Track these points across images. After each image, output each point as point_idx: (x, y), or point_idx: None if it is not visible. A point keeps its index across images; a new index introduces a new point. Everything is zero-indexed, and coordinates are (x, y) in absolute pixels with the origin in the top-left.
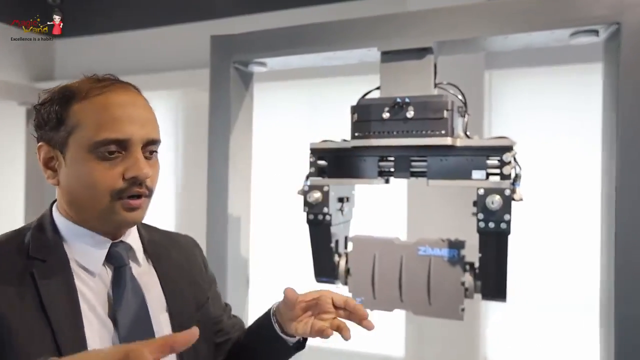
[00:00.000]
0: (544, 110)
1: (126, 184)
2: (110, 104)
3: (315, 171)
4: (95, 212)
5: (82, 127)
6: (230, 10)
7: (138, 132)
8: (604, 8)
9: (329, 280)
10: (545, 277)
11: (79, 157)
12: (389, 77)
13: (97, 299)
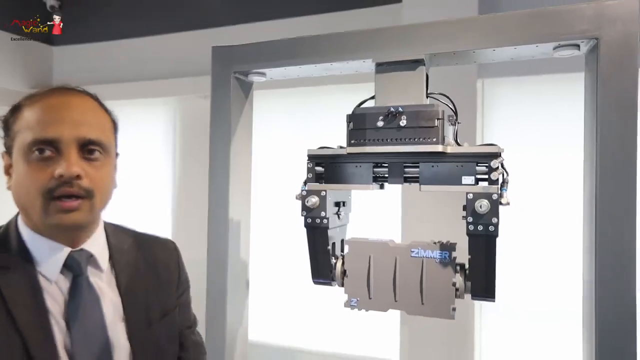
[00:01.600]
0: (536, 117)
1: (55, 183)
2: (42, 107)
3: (313, 177)
4: (36, 215)
5: (21, 132)
6: (227, 20)
7: (69, 133)
8: (584, 24)
9: (325, 282)
10: (539, 281)
11: (17, 161)
12: (384, 87)
13: (54, 306)
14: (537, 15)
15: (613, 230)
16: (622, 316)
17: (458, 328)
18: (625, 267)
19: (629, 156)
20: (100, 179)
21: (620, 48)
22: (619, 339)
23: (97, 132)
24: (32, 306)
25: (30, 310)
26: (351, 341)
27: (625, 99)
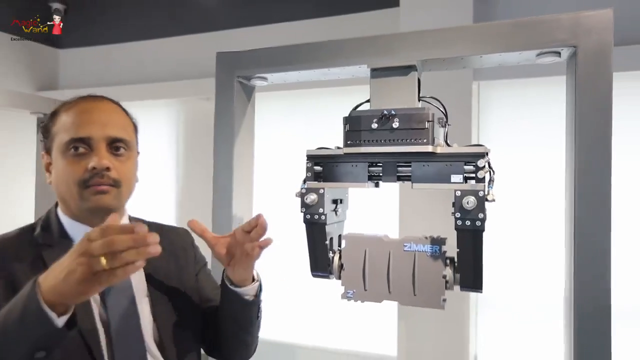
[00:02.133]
0: (530, 119)
1: (89, 174)
2: (76, 111)
3: (312, 175)
4: (73, 202)
5: (58, 133)
6: (229, 23)
7: (98, 132)
8: (563, 33)
9: (323, 275)
10: (533, 277)
11: (56, 158)
12: (378, 91)
13: None
14: (521, 24)
15: (590, 224)
16: (598, 303)
17: (454, 323)
18: (600, 261)
19: (604, 155)
20: (125, 171)
21: (597, 55)
22: (595, 329)
23: (122, 131)
24: None
25: None
26: (350, 337)
27: (601, 102)
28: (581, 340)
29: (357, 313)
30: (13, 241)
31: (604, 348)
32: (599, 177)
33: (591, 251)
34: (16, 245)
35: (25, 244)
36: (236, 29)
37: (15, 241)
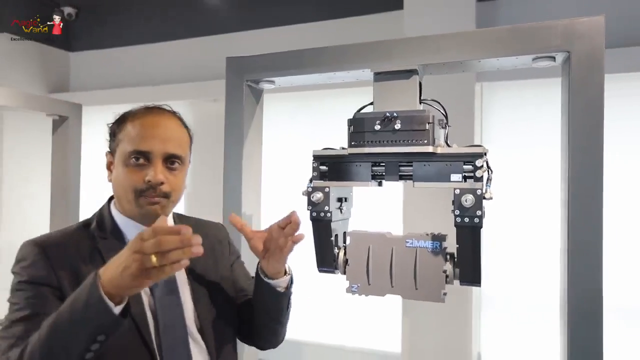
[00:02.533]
0: (533, 119)
1: (145, 186)
2: (141, 124)
3: (318, 175)
4: (127, 205)
5: (124, 141)
6: (235, 26)
7: (158, 147)
8: (557, 39)
9: (329, 270)
10: (538, 278)
11: (119, 163)
12: (381, 94)
13: None
14: (517, 30)
15: (582, 221)
16: (590, 301)
17: (456, 320)
18: (592, 260)
19: (596, 155)
20: (176, 184)
21: (589, 60)
22: (587, 325)
23: (178, 148)
24: None
25: None
26: (355, 334)
27: (593, 104)
28: (574, 337)
29: (362, 311)
30: (73, 235)
31: (596, 344)
32: (591, 177)
33: (584, 249)
34: (76, 238)
35: (83, 237)
36: (243, 31)
37: (75, 235)
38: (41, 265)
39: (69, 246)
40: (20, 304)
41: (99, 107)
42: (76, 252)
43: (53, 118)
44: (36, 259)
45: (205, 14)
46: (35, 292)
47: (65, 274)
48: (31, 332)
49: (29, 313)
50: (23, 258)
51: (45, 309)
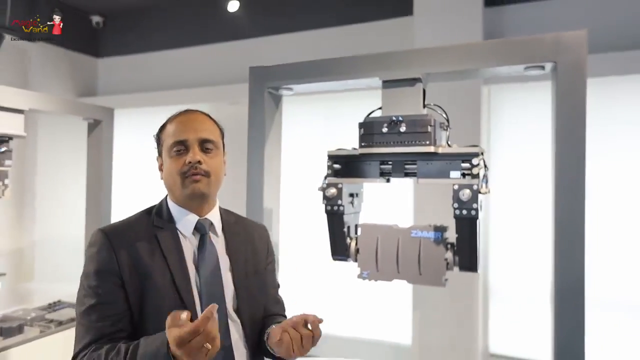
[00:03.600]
0: (539, 120)
1: (187, 167)
2: (177, 122)
3: (332, 172)
4: (177, 190)
5: (166, 139)
6: (252, 32)
7: (193, 135)
8: (545, 50)
9: (342, 258)
10: (544, 271)
11: (165, 158)
12: (388, 100)
13: (188, 254)
14: (510, 43)
15: (567, 209)
16: (573, 288)
17: (464, 313)
18: (576, 244)
19: (579, 150)
20: (213, 164)
21: (573, 69)
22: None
23: (210, 134)
24: (176, 252)
25: (175, 255)
26: (368, 327)
27: (577, 107)
28: (560, 319)
29: (374, 305)
30: (135, 223)
31: (578, 326)
32: (574, 176)
33: (569, 235)
34: (138, 226)
35: (144, 226)
36: (260, 37)
37: (137, 223)
38: (105, 253)
39: (131, 234)
40: (87, 293)
41: (126, 110)
42: (136, 239)
43: (88, 121)
44: (101, 246)
45: (224, 21)
46: (99, 281)
47: (125, 258)
48: (96, 322)
49: (95, 302)
50: (92, 244)
51: (107, 298)
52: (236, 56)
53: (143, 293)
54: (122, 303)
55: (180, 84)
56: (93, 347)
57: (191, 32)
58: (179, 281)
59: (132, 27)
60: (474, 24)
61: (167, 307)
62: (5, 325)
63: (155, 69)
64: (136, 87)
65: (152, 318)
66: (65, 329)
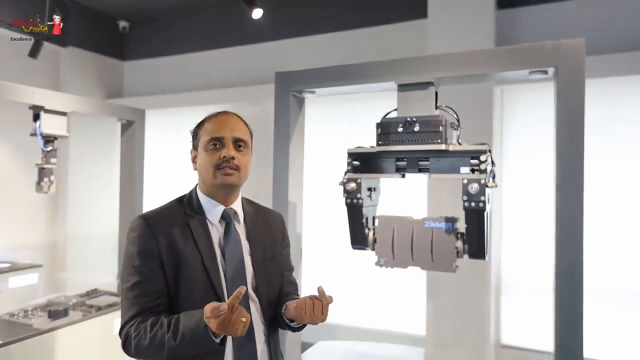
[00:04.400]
0: (548, 118)
1: (221, 161)
2: (215, 121)
3: (351, 168)
4: (209, 180)
5: (203, 135)
6: (271, 36)
7: (228, 134)
8: (547, 56)
9: (361, 247)
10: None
11: (201, 151)
12: (403, 102)
13: (216, 239)
14: (515, 50)
15: (567, 203)
16: (573, 278)
17: (476, 304)
18: (575, 234)
19: (578, 148)
20: (243, 161)
21: (573, 73)
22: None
23: (243, 135)
24: (205, 237)
25: (205, 240)
26: (384, 319)
27: (576, 109)
28: (561, 302)
29: (390, 297)
30: (169, 211)
31: (577, 315)
32: (574, 171)
33: (568, 227)
34: (172, 214)
35: (176, 213)
36: (279, 40)
37: (171, 211)
38: (145, 236)
39: (167, 220)
40: (131, 272)
41: (152, 111)
42: (172, 225)
43: (122, 122)
44: (142, 231)
45: (245, 25)
46: (141, 261)
47: (163, 242)
48: (139, 297)
49: (137, 281)
50: (133, 229)
51: (149, 276)
52: (256, 58)
53: (178, 273)
54: (161, 281)
55: (202, 86)
56: (138, 319)
57: (212, 35)
58: (208, 263)
59: (156, 31)
60: (486, 26)
61: (198, 285)
62: (52, 308)
63: (178, 71)
64: (160, 89)
65: (185, 294)
66: (104, 313)
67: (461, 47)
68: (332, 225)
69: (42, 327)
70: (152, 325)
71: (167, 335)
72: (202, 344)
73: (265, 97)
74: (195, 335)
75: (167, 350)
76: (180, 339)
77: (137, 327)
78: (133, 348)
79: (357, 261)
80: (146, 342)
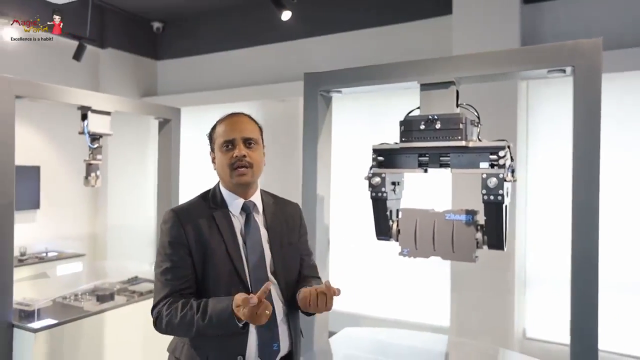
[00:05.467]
0: None
1: (234, 160)
2: (225, 124)
3: (376, 164)
4: (227, 179)
5: (217, 138)
6: (300, 34)
7: (238, 135)
8: (565, 56)
9: (385, 238)
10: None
11: (217, 153)
12: (426, 100)
13: (238, 228)
14: (534, 50)
15: (584, 194)
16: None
17: (500, 296)
18: (590, 226)
19: (594, 144)
20: (255, 157)
21: (590, 72)
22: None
23: (251, 133)
24: (229, 227)
25: (228, 230)
26: (409, 310)
27: (592, 106)
28: (577, 288)
29: (414, 289)
30: (196, 205)
31: (592, 306)
32: (590, 169)
33: (585, 218)
34: (198, 207)
35: (203, 207)
36: (306, 38)
37: (198, 205)
38: (176, 228)
39: (194, 213)
40: (163, 258)
41: (185, 109)
42: (199, 217)
43: (159, 120)
44: (173, 223)
45: (273, 24)
46: (171, 249)
47: (192, 232)
48: (170, 280)
49: (169, 266)
50: (165, 221)
51: (177, 263)
52: (284, 56)
53: (205, 259)
54: (189, 267)
55: (231, 84)
56: (169, 299)
57: (241, 34)
58: (231, 251)
59: (187, 31)
60: (512, 20)
61: (224, 270)
62: (99, 293)
63: (209, 69)
64: (192, 87)
65: (211, 279)
66: (145, 299)
67: (486, 43)
68: (359, 217)
69: (91, 309)
70: (182, 306)
71: (197, 315)
72: (227, 327)
73: (293, 94)
74: (222, 319)
75: (196, 328)
76: (208, 320)
77: (169, 307)
78: (164, 325)
79: (382, 253)
80: (177, 320)
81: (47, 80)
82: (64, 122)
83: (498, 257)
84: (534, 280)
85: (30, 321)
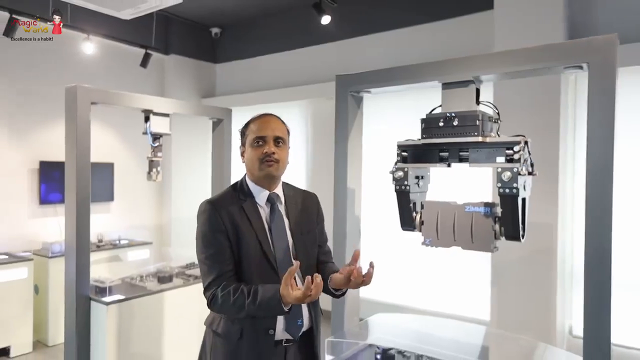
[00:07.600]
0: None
1: (264, 156)
2: (259, 122)
3: (400, 159)
4: (255, 171)
5: (249, 134)
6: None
7: (270, 133)
8: (581, 53)
9: (409, 229)
10: (634, 256)
11: (248, 148)
12: (447, 98)
13: (264, 217)
14: (549, 47)
15: (596, 196)
16: (601, 262)
17: (541, 291)
18: (604, 222)
19: (608, 140)
20: (281, 155)
21: (604, 68)
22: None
23: (281, 133)
24: (256, 216)
25: (256, 219)
26: (450, 302)
27: (607, 101)
28: (590, 281)
29: (455, 283)
30: (228, 196)
31: (605, 300)
32: (604, 160)
33: (598, 212)
34: (229, 198)
35: (233, 197)
36: (348, 39)
37: (229, 196)
38: (213, 217)
39: (227, 203)
40: (206, 245)
41: (239, 108)
42: (231, 207)
43: (212, 120)
44: (210, 213)
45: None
46: (212, 237)
47: (227, 220)
48: (215, 263)
49: (213, 252)
50: (203, 212)
51: (219, 248)
52: (330, 57)
53: (238, 244)
54: (228, 250)
55: (281, 84)
56: (220, 281)
57: (290, 37)
58: (260, 237)
59: (242, 35)
60: (554, 14)
61: (255, 254)
62: (160, 275)
63: (263, 71)
64: (247, 88)
65: (244, 261)
66: (198, 282)
67: (529, 37)
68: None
69: (153, 289)
70: (234, 291)
71: (248, 300)
72: (275, 310)
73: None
74: (271, 304)
75: (246, 311)
76: (258, 305)
77: (223, 290)
78: (218, 306)
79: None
80: (229, 303)
81: (119, 86)
82: (133, 123)
83: (539, 253)
84: (582, 278)
85: (103, 295)
